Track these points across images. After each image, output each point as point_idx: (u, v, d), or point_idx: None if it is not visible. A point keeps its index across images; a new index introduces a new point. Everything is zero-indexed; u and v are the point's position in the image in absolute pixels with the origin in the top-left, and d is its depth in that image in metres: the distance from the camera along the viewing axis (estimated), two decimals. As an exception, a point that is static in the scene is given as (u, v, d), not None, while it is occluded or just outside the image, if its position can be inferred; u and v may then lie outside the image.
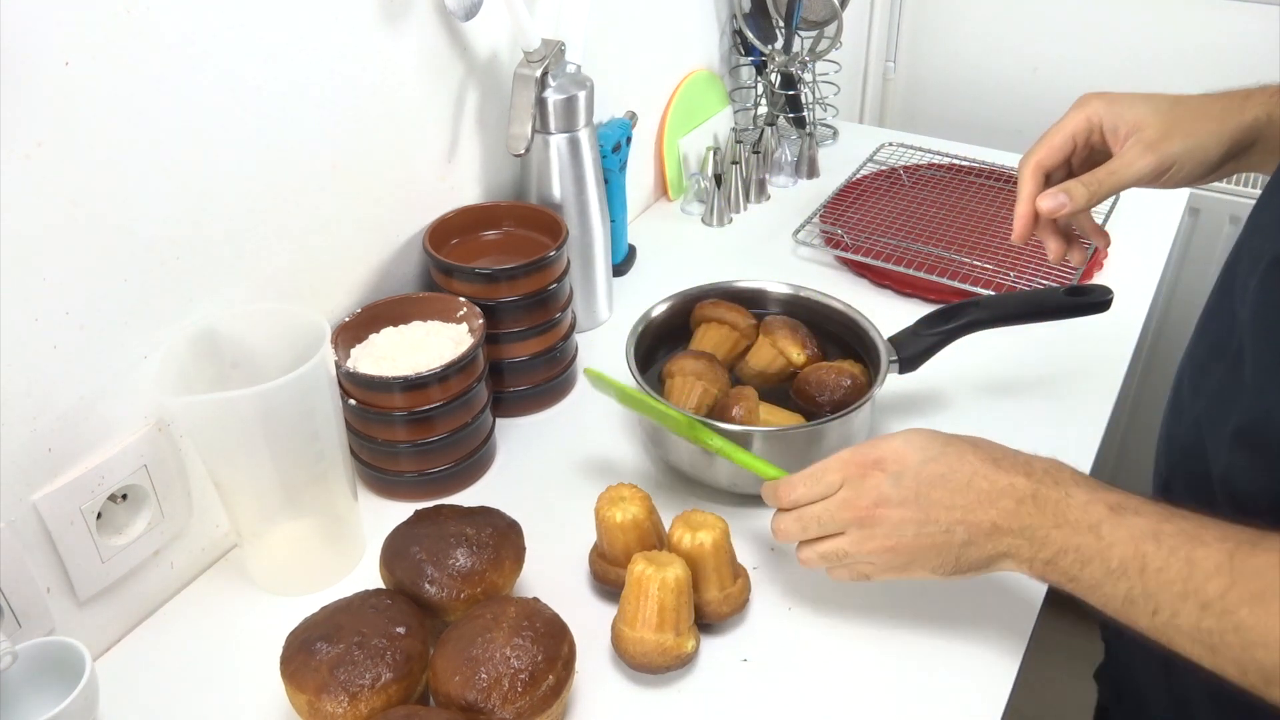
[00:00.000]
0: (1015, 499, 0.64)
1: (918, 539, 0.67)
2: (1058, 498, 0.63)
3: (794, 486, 0.72)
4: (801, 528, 0.71)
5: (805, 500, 0.71)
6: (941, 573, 0.68)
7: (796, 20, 1.34)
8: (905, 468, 0.67)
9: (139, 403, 0.73)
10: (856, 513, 0.68)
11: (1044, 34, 1.64)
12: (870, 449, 0.69)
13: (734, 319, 0.95)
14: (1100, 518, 0.61)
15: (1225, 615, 0.55)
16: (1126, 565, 0.59)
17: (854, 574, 0.71)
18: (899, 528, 0.67)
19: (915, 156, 1.41)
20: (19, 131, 0.61)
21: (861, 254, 1.17)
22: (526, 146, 0.96)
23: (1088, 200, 0.77)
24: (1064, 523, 0.62)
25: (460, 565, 0.72)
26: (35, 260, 0.64)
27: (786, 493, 0.72)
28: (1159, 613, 0.58)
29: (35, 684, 0.64)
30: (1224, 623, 0.55)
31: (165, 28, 0.68)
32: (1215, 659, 0.56)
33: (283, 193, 0.81)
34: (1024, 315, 0.93)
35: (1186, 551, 0.57)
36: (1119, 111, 0.78)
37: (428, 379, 0.82)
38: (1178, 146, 0.75)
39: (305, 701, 0.64)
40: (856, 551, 0.69)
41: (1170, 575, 0.57)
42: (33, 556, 0.69)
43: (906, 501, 0.67)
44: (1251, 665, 0.55)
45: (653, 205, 1.35)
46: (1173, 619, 0.57)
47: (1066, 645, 1.73)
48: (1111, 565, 0.60)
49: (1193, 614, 0.56)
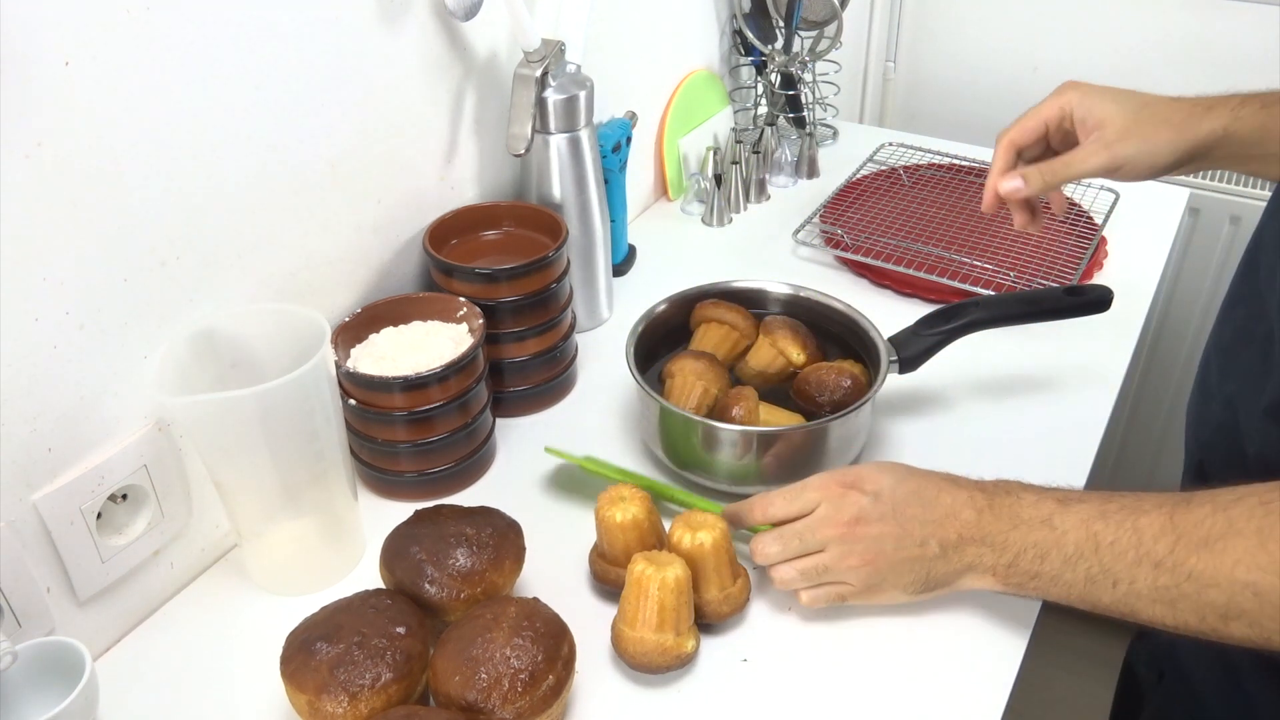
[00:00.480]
0: (975, 509, 0.69)
1: (896, 553, 0.71)
2: (1010, 502, 0.68)
3: (771, 501, 0.75)
4: (782, 547, 0.74)
5: (781, 515, 0.74)
6: (912, 590, 0.72)
7: (796, 20, 1.34)
8: (881, 487, 0.72)
9: (139, 403, 0.73)
10: (837, 529, 0.71)
11: (1044, 34, 1.64)
12: (844, 473, 0.74)
13: (734, 319, 0.95)
14: (1050, 511, 0.66)
15: (1177, 568, 0.59)
16: (1081, 547, 0.64)
17: (830, 595, 0.74)
18: (878, 542, 0.71)
19: (915, 156, 1.41)
20: (19, 131, 0.61)
21: (861, 254, 1.17)
22: (526, 146, 0.96)
23: (1041, 186, 0.85)
24: (1019, 523, 0.67)
25: (460, 565, 0.72)
26: (35, 260, 0.64)
27: (764, 507, 0.75)
28: (1118, 584, 0.62)
29: (35, 684, 0.64)
30: (1177, 575, 0.59)
31: (165, 28, 0.68)
32: (1175, 613, 0.61)
33: (283, 193, 0.81)
34: (1024, 315, 0.93)
35: (1132, 522, 0.62)
36: (1089, 105, 0.84)
37: (428, 379, 0.82)
38: (1131, 149, 0.81)
39: (305, 701, 0.64)
40: (837, 567, 0.72)
41: (1122, 546, 0.62)
42: (33, 556, 0.69)
43: (885, 517, 0.71)
44: (1208, 609, 0.59)
45: (653, 205, 1.35)
46: (1131, 586, 0.62)
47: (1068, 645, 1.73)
48: (1068, 551, 0.64)
49: (1148, 576, 0.61)
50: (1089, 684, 0.94)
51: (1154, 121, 0.82)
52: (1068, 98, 0.85)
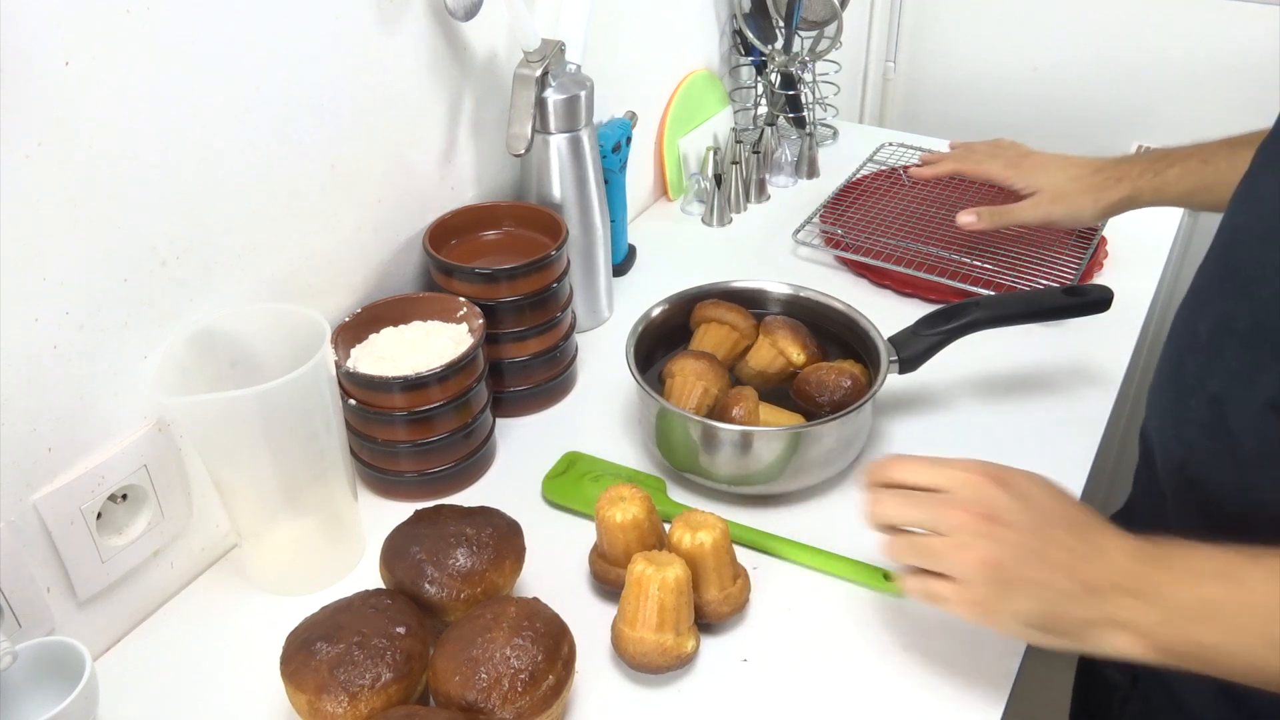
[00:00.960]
0: (1133, 556, 0.60)
1: (1020, 567, 0.61)
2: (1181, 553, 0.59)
3: (908, 462, 0.67)
4: (901, 511, 0.65)
5: (915, 480, 0.66)
6: (1024, 622, 0.62)
7: (796, 20, 1.34)
8: (1032, 495, 0.63)
9: (139, 403, 0.73)
10: (968, 516, 0.62)
11: (1044, 34, 1.64)
12: (998, 467, 0.65)
13: (734, 319, 0.95)
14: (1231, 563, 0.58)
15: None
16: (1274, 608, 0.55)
17: (931, 593, 0.64)
18: (1006, 547, 0.61)
19: (915, 156, 1.41)
20: (19, 131, 0.61)
21: (861, 254, 1.17)
22: (526, 146, 0.96)
23: (990, 225, 1.10)
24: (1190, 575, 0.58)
25: (460, 565, 0.71)
26: (35, 260, 0.64)
27: (899, 466, 0.67)
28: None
29: (35, 684, 0.64)
30: None
31: (165, 28, 0.68)
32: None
33: (283, 193, 0.81)
34: (1024, 315, 0.93)
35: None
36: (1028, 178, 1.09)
37: (428, 379, 0.82)
38: (1060, 212, 1.06)
39: (305, 701, 0.64)
40: (951, 557, 0.62)
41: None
42: (33, 556, 0.69)
43: (1023, 526, 0.62)
44: None
45: (653, 205, 1.35)
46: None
47: (1066, 645, 1.72)
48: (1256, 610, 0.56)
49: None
50: (1089, 684, 0.94)
51: (1075, 191, 1.04)
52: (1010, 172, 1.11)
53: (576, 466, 0.90)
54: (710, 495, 0.87)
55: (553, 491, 0.87)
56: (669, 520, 0.77)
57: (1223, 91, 1.52)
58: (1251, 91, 1.50)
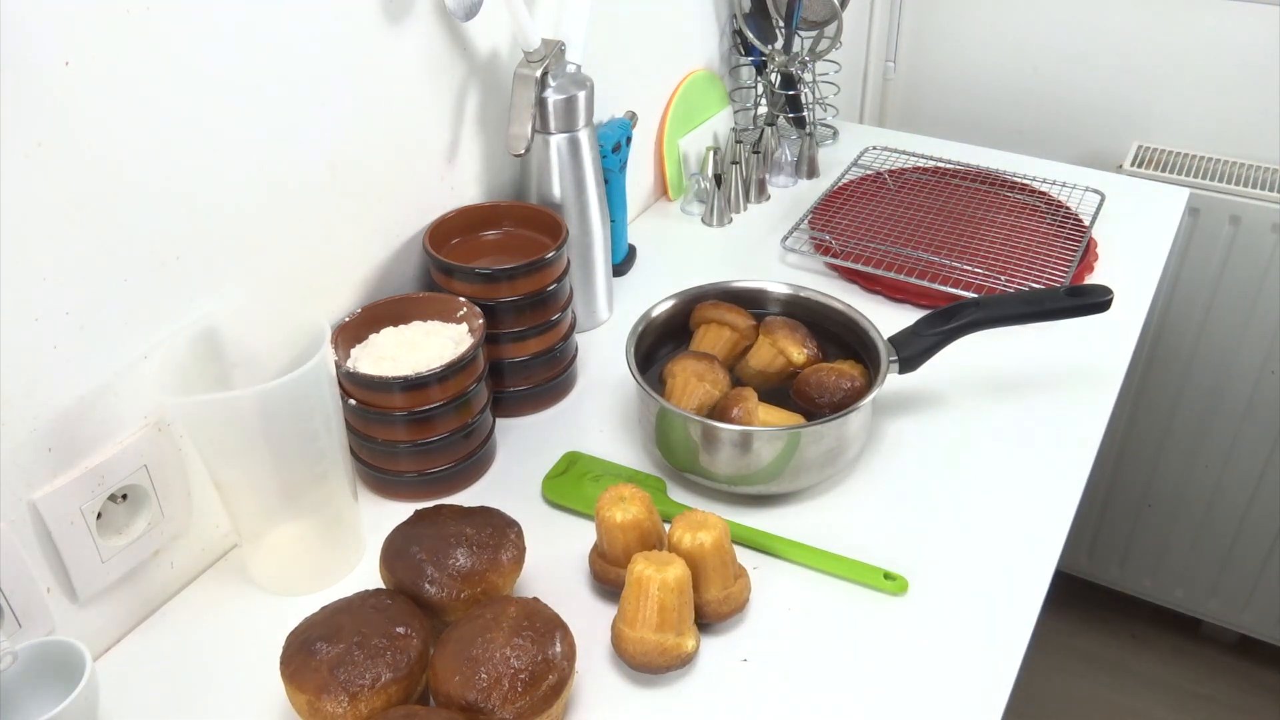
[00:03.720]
0: None
1: None
2: None
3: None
4: None
5: None
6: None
7: (796, 20, 1.34)
8: None
9: (139, 403, 0.73)
10: None
11: (1044, 34, 1.64)
12: None
13: (734, 319, 0.95)
14: None
15: None
16: None
17: None
18: None
19: (899, 160, 1.40)
20: (19, 131, 0.61)
21: (850, 260, 1.17)
22: (526, 146, 0.96)
23: None
24: None
25: (460, 565, 0.72)
26: (35, 260, 0.64)
27: None
28: None
29: (35, 684, 0.64)
30: None
31: (165, 28, 0.68)
32: None
33: (283, 193, 0.81)
34: (1024, 315, 0.93)
35: None
36: None
37: (428, 379, 0.82)
38: None
39: (305, 701, 0.64)
40: None
41: None
42: (33, 556, 0.69)
43: None
44: None
45: (653, 205, 1.35)
46: None
47: (1068, 645, 1.73)
48: None
49: None
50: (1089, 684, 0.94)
51: None
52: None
53: (576, 466, 0.90)
54: (710, 495, 0.88)
55: (553, 491, 0.87)
56: (669, 520, 0.78)
57: (1223, 91, 1.52)
58: (1251, 91, 1.50)
